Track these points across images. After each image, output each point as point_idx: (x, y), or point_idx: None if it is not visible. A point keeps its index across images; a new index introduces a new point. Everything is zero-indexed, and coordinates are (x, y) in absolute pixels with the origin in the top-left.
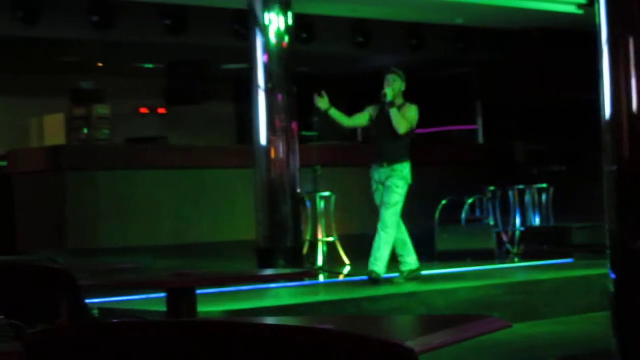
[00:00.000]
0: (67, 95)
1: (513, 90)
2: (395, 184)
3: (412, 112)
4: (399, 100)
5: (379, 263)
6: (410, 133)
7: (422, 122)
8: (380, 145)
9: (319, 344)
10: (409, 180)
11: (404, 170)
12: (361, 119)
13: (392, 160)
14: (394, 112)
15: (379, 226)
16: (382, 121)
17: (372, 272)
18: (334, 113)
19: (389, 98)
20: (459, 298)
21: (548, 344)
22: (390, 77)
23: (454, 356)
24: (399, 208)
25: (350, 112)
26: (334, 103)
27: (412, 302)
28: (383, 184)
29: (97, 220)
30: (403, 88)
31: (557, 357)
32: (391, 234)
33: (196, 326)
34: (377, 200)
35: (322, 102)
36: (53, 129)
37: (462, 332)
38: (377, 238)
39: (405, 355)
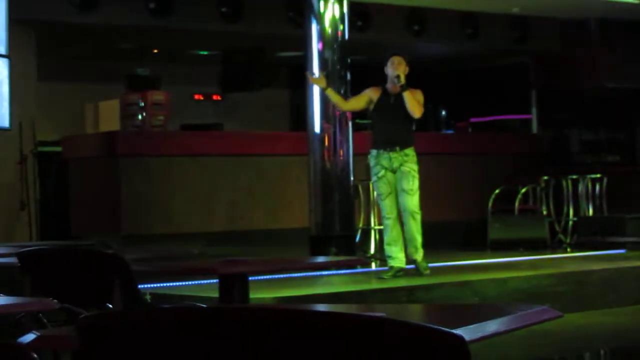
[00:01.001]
0: (123, 82)
1: (568, 79)
2: (412, 169)
3: (421, 96)
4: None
5: (420, 251)
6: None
7: (477, 111)
8: (390, 129)
9: (370, 332)
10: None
11: (415, 155)
12: (359, 102)
13: (405, 144)
14: (408, 96)
15: (408, 214)
16: (389, 104)
17: (416, 261)
18: (331, 94)
19: (402, 81)
20: (510, 287)
21: (599, 334)
22: (396, 60)
23: (504, 345)
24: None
25: None
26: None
27: (464, 291)
28: (394, 170)
29: (151, 207)
30: (407, 70)
31: (609, 347)
32: (420, 218)
33: (248, 312)
34: (382, 189)
35: (319, 81)
36: (108, 115)
37: (513, 322)
38: (410, 226)
39: (455, 343)
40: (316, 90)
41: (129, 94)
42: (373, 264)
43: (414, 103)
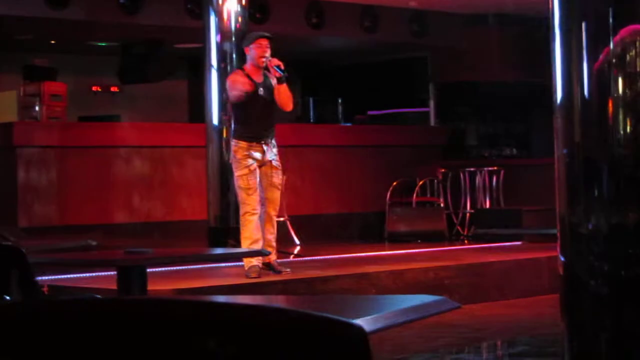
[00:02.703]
0: (20, 73)
1: (466, 73)
2: (279, 164)
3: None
4: None
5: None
6: None
7: (375, 104)
8: (264, 121)
9: (267, 322)
10: None
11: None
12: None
13: (274, 137)
14: (286, 88)
15: (272, 208)
16: (264, 96)
17: (273, 262)
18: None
19: (285, 71)
20: (408, 279)
21: (496, 325)
22: (264, 43)
23: (402, 337)
24: None
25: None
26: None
27: (362, 283)
28: (264, 163)
29: (49, 198)
30: None
31: (506, 338)
32: None
33: (145, 304)
34: (255, 181)
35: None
36: (5, 106)
37: (411, 313)
38: (270, 221)
39: (355, 333)
40: (214, 82)
41: (27, 85)
42: (273, 256)
43: (289, 95)
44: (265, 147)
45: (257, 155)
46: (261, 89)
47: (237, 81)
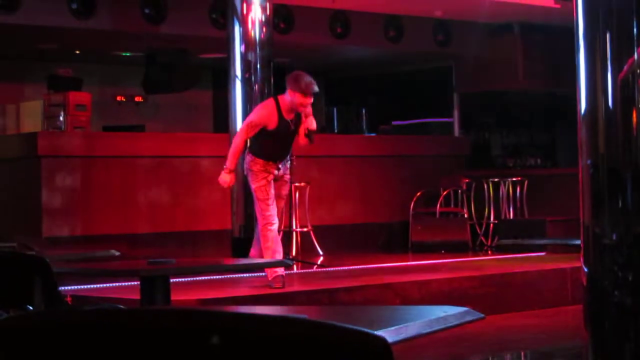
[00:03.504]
0: (45, 82)
1: (490, 83)
2: (289, 178)
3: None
4: None
5: None
6: None
7: (400, 114)
8: (283, 150)
9: (291, 333)
10: None
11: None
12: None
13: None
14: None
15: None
16: (288, 131)
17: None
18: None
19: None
20: (432, 289)
21: (521, 336)
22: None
23: (425, 347)
24: None
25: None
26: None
27: (386, 293)
28: (277, 178)
29: (73, 208)
30: None
31: (530, 349)
32: None
33: (169, 314)
34: (272, 192)
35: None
36: (30, 116)
37: (435, 323)
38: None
39: (378, 344)
40: (238, 92)
41: (51, 94)
42: (294, 267)
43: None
44: (280, 165)
45: (273, 171)
46: (287, 124)
47: (259, 124)
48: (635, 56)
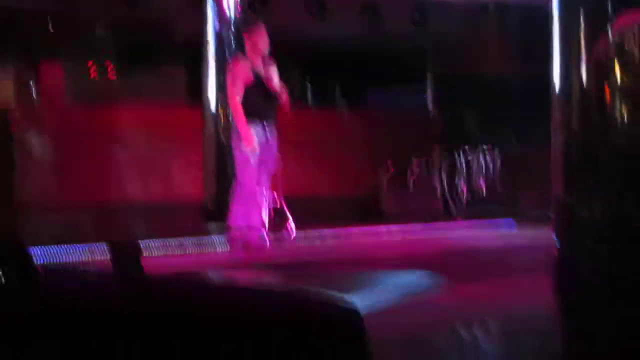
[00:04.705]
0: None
1: (466, 63)
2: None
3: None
4: None
5: None
6: None
7: (375, 91)
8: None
9: (262, 301)
10: None
11: None
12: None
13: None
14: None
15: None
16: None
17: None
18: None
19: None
20: (403, 257)
21: (490, 305)
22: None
23: (393, 313)
24: None
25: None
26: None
27: (357, 260)
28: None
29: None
30: None
31: (499, 318)
32: None
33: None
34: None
35: None
36: None
37: (404, 288)
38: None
39: (348, 309)
40: (212, 69)
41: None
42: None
43: None
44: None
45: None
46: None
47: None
48: (610, 34)
